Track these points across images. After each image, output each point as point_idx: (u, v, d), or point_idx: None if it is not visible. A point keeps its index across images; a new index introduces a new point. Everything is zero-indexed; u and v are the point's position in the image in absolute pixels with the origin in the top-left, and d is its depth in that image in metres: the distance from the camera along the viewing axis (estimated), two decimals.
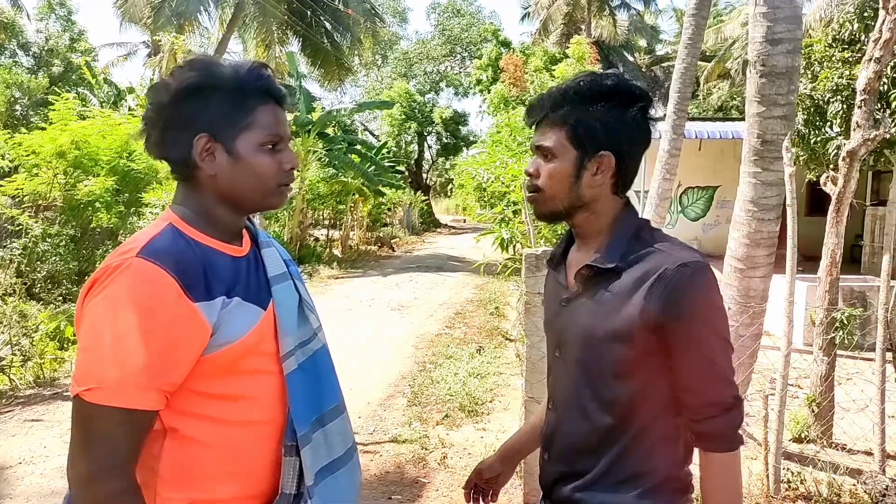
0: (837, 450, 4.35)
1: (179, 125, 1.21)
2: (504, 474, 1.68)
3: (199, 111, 1.21)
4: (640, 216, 1.39)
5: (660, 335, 1.25)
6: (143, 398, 1.10)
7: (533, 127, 1.41)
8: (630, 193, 1.41)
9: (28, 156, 9.19)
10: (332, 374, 1.40)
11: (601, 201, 1.35)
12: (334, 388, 1.39)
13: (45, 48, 26.58)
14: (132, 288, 1.11)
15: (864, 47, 8.64)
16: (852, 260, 12.69)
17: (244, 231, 1.35)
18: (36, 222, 8.86)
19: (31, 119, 19.06)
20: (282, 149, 1.28)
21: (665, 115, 7.64)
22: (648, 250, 1.29)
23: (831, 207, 4.41)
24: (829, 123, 8.72)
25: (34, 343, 5.95)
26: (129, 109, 15.41)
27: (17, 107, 21.53)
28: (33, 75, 23.92)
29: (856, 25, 8.34)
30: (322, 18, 19.41)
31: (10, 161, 9.35)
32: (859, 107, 4.30)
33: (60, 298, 8.34)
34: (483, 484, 1.69)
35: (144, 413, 1.12)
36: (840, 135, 8.77)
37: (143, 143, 1.28)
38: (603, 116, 1.30)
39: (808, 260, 6.97)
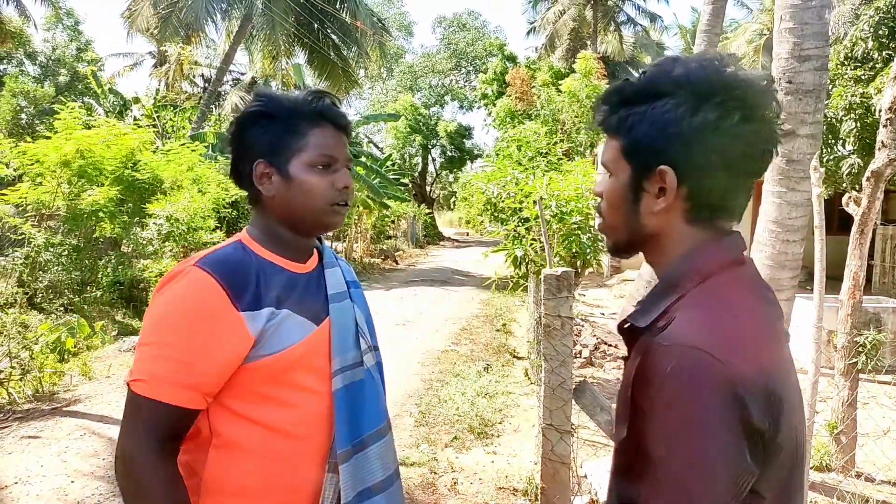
0: (861, 479, 4.20)
1: (243, 153, 1.34)
2: None
3: (257, 139, 1.31)
4: (728, 253, 0.99)
5: (644, 435, 0.88)
6: (183, 396, 1.19)
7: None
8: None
9: (32, 164, 9.11)
10: (379, 397, 1.43)
11: (671, 233, 0.99)
12: (379, 412, 1.41)
13: (52, 58, 26.71)
14: (184, 293, 1.21)
15: (878, 65, 8.61)
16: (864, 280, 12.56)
17: (315, 251, 1.43)
18: (39, 231, 8.76)
19: (37, 128, 19.04)
20: (336, 169, 1.33)
21: None
22: (672, 316, 0.91)
23: (854, 228, 4.29)
24: (842, 142, 8.64)
25: (34, 356, 5.82)
26: (135, 119, 15.38)
27: (23, 115, 21.57)
28: (39, 84, 24.01)
29: (870, 43, 8.27)
30: (329, 31, 19.42)
31: (14, 170, 9.27)
32: (884, 125, 4.19)
33: (62, 308, 8.24)
34: None
35: (184, 410, 1.20)
36: (853, 153, 8.69)
37: (229, 173, 1.43)
38: (660, 119, 0.94)
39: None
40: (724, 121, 0.92)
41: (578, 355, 7.30)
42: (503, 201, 6.15)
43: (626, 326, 1.00)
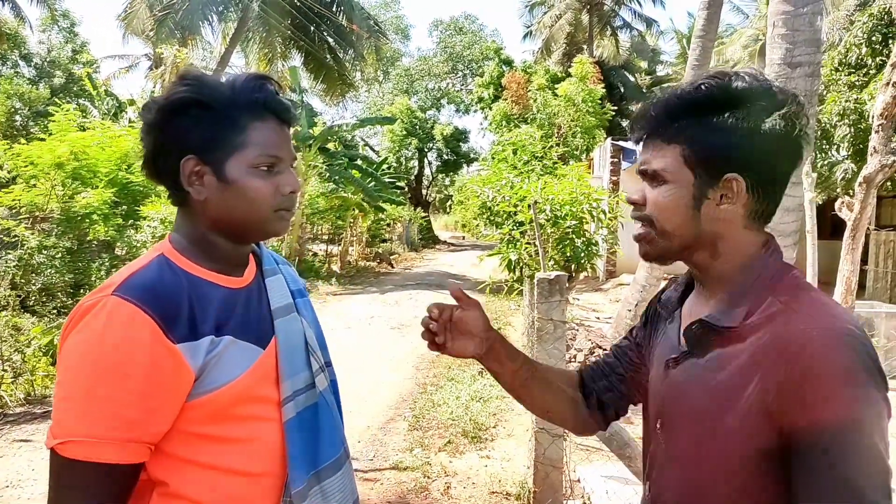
0: None
1: (168, 146, 1.11)
2: (473, 336, 1.26)
3: (187, 130, 1.10)
4: (784, 259, 1.06)
5: (784, 434, 0.91)
6: (121, 452, 0.99)
7: (639, 144, 1.13)
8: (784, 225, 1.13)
9: (26, 166, 9.10)
10: (335, 424, 1.27)
11: (729, 238, 1.04)
12: (335, 441, 1.25)
13: (47, 59, 26.66)
14: (105, 332, 0.99)
15: (871, 71, 8.65)
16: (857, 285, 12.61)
17: (251, 257, 1.23)
18: (32, 234, 8.74)
19: (31, 130, 19.00)
20: (280, 171, 1.14)
21: None
22: (782, 309, 0.97)
23: (847, 234, 4.32)
24: (835, 147, 8.68)
25: (26, 358, 5.80)
26: (130, 122, 15.36)
27: (18, 117, 21.51)
28: (34, 86, 23.95)
29: (864, 49, 8.32)
30: (325, 34, 19.43)
31: (7, 172, 9.25)
32: (876, 132, 4.22)
33: (55, 311, 8.20)
34: (444, 321, 1.25)
35: (125, 466, 1.01)
36: (847, 158, 8.73)
37: (140, 164, 1.19)
38: (731, 129, 1.00)
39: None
40: (790, 131, 1.00)
41: (573, 359, 7.30)
42: (498, 205, 6.17)
43: (695, 327, 1.04)
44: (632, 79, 30.57)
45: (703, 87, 1.03)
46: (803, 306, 0.96)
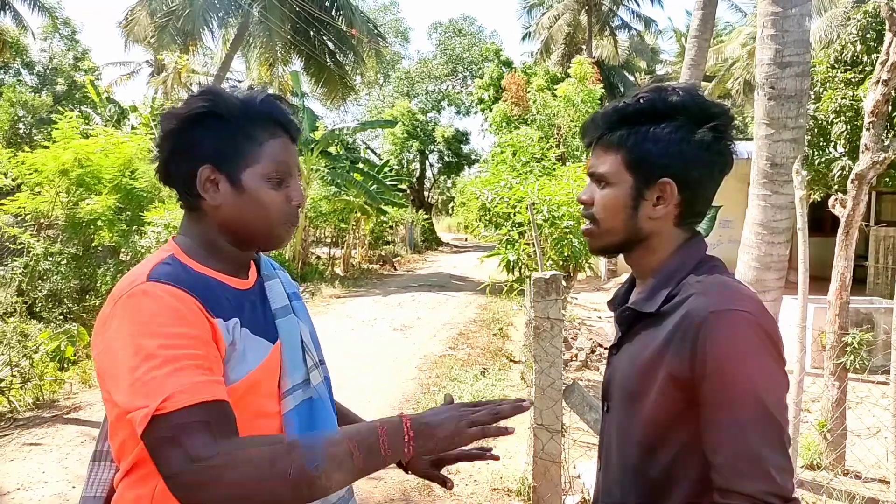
0: (851, 477, 4.27)
1: (184, 153, 1.19)
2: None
3: (205, 140, 1.18)
4: (707, 252, 1.21)
5: (689, 396, 1.05)
6: (220, 389, 1.04)
7: (589, 148, 1.25)
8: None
9: (31, 174, 9.17)
10: (330, 417, 1.33)
11: (661, 235, 1.18)
12: (332, 430, 1.30)
13: (50, 67, 26.80)
14: (152, 305, 1.05)
15: (867, 68, 8.70)
16: (856, 281, 12.64)
17: (251, 263, 1.31)
18: (38, 241, 8.82)
19: (35, 137, 19.11)
20: (289, 184, 1.23)
21: None
22: (692, 293, 1.10)
23: (840, 230, 4.38)
24: (832, 144, 8.73)
25: (34, 364, 5.88)
26: (132, 128, 15.45)
27: (21, 125, 21.63)
28: (37, 94, 24.08)
29: (858, 47, 8.37)
30: (325, 38, 19.54)
31: (12, 179, 9.33)
32: (867, 129, 4.28)
33: (61, 317, 8.30)
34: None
35: (221, 404, 1.03)
36: (844, 155, 8.79)
37: (155, 168, 1.26)
38: (665, 138, 1.13)
39: (810, 280, 6.92)
40: (717, 141, 1.14)
41: (574, 358, 7.37)
42: (496, 206, 6.24)
43: (625, 313, 1.20)
44: (632, 78, 30.60)
45: (641, 99, 1.16)
46: (712, 290, 1.09)
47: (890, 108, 7.35)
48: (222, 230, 1.21)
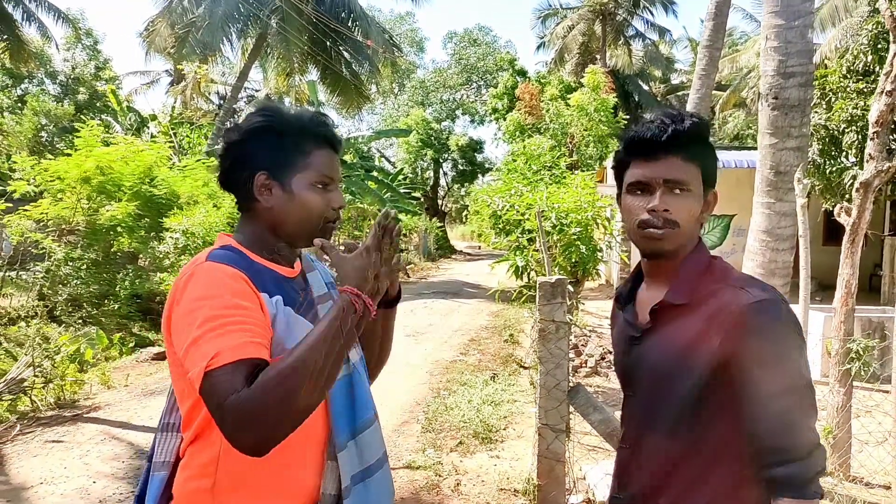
0: (855, 483, 4.30)
1: (244, 162, 1.39)
2: None
3: (262, 151, 1.38)
4: (709, 251, 1.40)
5: (730, 376, 1.24)
6: (263, 351, 1.20)
7: (642, 156, 1.36)
8: None
9: (53, 181, 9.40)
10: (366, 389, 1.50)
11: (696, 237, 1.39)
12: (368, 401, 1.49)
13: (72, 76, 27.31)
14: (211, 278, 1.25)
15: (878, 78, 8.70)
16: (871, 290, 12.56)
17: (296, 257, 1.49)
18: (59, 246, 9.03)
19: (57, 145, 19.50)
20: (332, 189, 1.42)
21: None
22: (720, 286, 1.29)
23: (846, 238, 4.42)
24: (844, 153, 8.74)
25: (55, 365, 6.05)
26: (152, 136, 15.74)
27: (44, 133, 22.06)
28: (60, 103, 24.53)
29: (870, 57, 8.40)
30: (341, 48, 19.77)
31: (35, 186, 9.56)
32: (872, 139, 4.33)
33: (81, 321, 8.47)
34: None
35: (261, 361, 1.19)
36: (855, 165, 8.79)
37: (217, 175, 1.47)
38: (713, 155, 1.37)
39: (826, 289, 6.93)
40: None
41: (584, 364, 7.42)
42: (506, 214, 6.33)
43: (660, 308, 1.35)
44: (646, 87, 30.59)
45: (699, 120, 1.35)
46: (737, 283, 1.29)
47: (895, 117, 7.40)
48: (272, 228, 1.40)
